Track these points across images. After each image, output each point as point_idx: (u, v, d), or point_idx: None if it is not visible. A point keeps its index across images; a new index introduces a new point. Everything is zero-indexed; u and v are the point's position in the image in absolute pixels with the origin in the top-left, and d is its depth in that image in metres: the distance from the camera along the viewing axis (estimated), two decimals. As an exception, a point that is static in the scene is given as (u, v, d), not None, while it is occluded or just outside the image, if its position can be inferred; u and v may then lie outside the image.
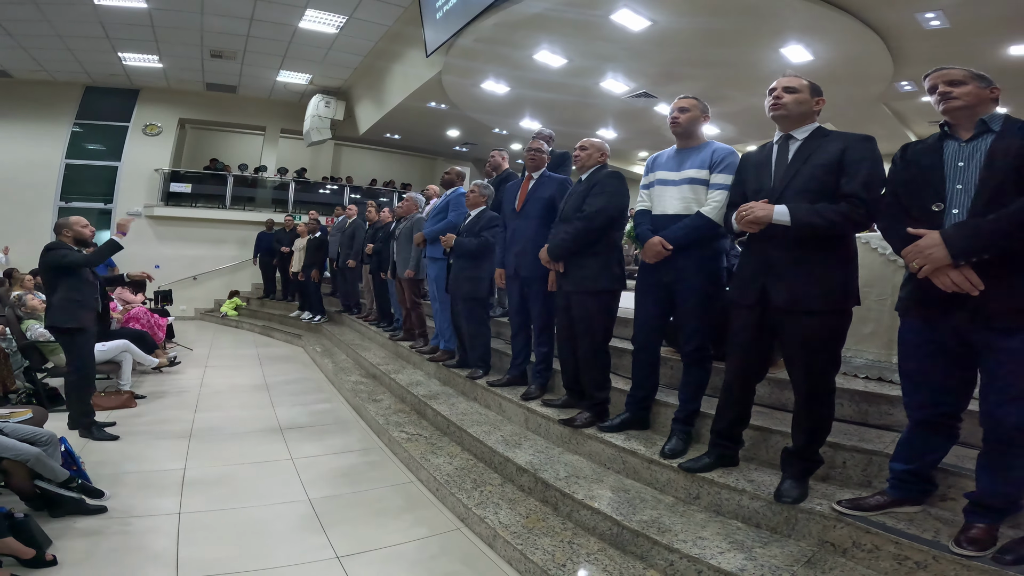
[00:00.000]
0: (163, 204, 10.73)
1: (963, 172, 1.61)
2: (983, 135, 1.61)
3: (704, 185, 2.38)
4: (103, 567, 2.09)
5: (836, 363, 1.96)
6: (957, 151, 1.64)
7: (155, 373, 5.35)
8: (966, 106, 1.63)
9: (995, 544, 1.58)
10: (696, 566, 1.91)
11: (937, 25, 5.78)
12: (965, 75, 1.66)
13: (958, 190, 1.60)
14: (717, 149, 2.40)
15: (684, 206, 2.40)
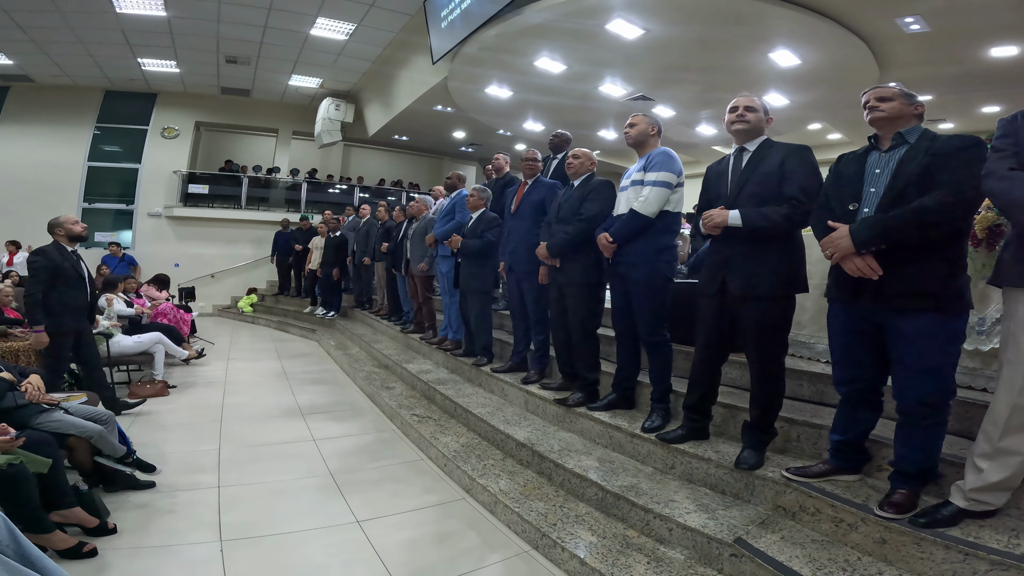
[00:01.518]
0: (181, 205, 11.16)
1: (877, 178, 1.88)
2: (899, 146, 1.88)
3: (640, 184, 2.73)
4: (157, 533, 2.40)
5: (783, 345, 2.26)
6: (876, 160, 1.92)
7: (183, 365, 5.73)
8: (888, 119, 1.89)
9: (915, 509, 1.82)
10: (667, 524, 2.21)
11: (917, 29, 6.02)
12: (894, 93, 1.92)
13: (871, 193, 1.87)
14: (653, 152, 2.76)
15: (627, 207, 2.77)
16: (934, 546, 1.70)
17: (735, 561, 1.97)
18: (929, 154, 1.79)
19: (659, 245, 2.76)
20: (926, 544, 1.72)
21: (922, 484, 1.88)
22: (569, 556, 2.20)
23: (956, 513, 1.76)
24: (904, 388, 1.82)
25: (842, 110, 8.78)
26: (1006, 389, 1.67)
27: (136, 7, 7.53)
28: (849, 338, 1.97)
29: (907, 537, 1.76)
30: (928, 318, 1.75)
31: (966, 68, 6.86)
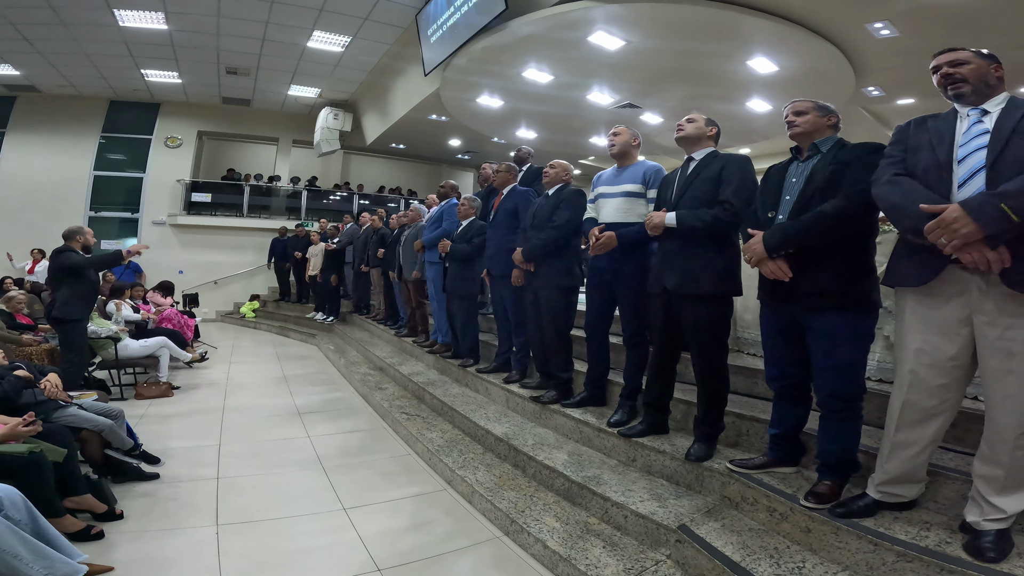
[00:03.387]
0: (185, 213, 11.45)
1: (793, 186, 2.04)
2: (813, 156, 2.05)
3: (638, 197, 2.91)
4: (160, 518, 2.64)
5: (722, 343, 2.46)
6: (795, 169, 2.09)
7: (187, 368, 5.98)
8: (804, 132, 2.06)
9: (837, 499, 1.93)
10: (622, 511, 2.40)
11: (887, 34, 6.23)
12: (809, 106, 2.09)
13: (787, 200, 2.03)
14: (648, 168, 2.95)
15: (621, 214, 2.93)
16: (849, 536, 1.82)
17: (679, 546, 2.12)
18: (835, 162, 1.95)
19: (646, 254, 2.92)
20: (843, 534, 1.84)
21: (844, 475, 2.01)
22: (535, 541, 2.39)
23: (872, 504, 1.87)
24: (819, 383, 1.98)
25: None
26: (897, 385, 1.80)
27: (138, 21, 7.84)
28: (776, 337, 2.12)
29: (827, 527, 1.89)
30: (836, 317, 1.90)
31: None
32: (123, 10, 7.51)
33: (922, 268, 1.66)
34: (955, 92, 1.72)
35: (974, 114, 1.68)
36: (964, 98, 1.71)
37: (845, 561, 1.82)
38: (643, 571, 2.10)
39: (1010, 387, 1.55)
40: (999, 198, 1.44)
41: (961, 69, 1.71)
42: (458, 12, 6.99)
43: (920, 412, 1.73)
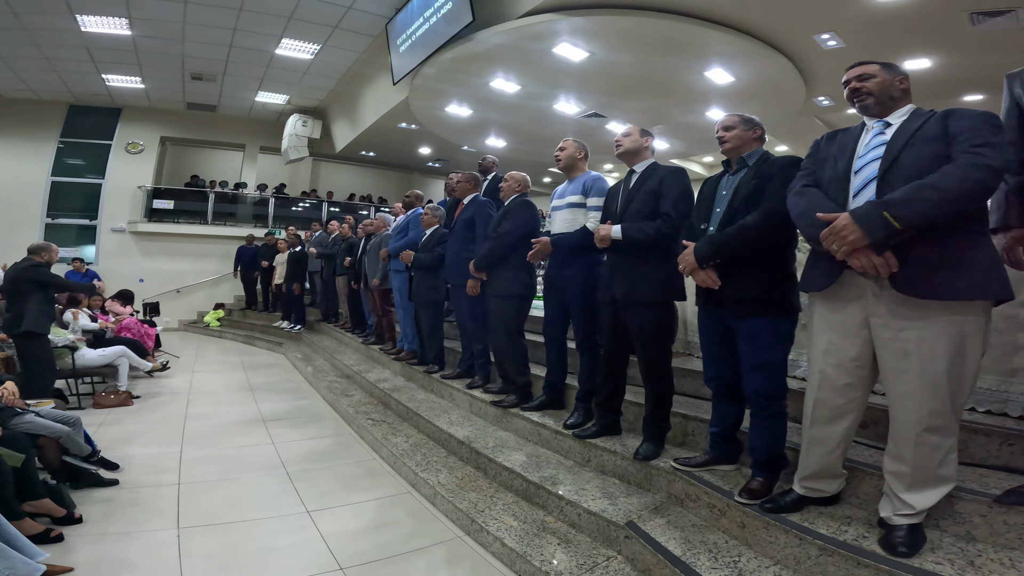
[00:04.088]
0: (146, 220, 11.20)
1: (723, 199, 2.15)
2: (741, 169, 2.16)
3: (579, 207, 3.06)
4: (120, 522, 2.64)
5: (666, 347, 2.62)
6: (725, 182, 2.21)
7: (148, 377, 5.88)
8: (733, 147, 2.18)
9: (768, 495, 2.02)
10: (575, 509, 2.50)
11: (834, 45, 6.58)
12: (736, 121, 2.20)
13: (717, 212, 2.15)
14: (588, 178, 3.10)
15: (567, 225, 3.09)
16: (778, 531, 1.90)
17: (628, 542, 2.21)
18: (758, 176, 2.07)
19: (591, 261, 3.07)
20: (772, 529, 1.92)
21: (774, 472, 2.10)
22: (494, 539, 2.47)
23: (797, 500, 1.96)
24: (746, 382, 2.10)
25: (779, 123, 9.41)
26: (809, 384, 1.89)
27: (101, 26, 7.72)
28: (712, 340, 2.25)
29: (759, 522, 1.97)
30: (758, 321, 2.03)
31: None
32: (86, 16, 7.41)
33: (825, 274, 1.77)
34: (860, 105, 1.82)
35: (877, 126, 1.79)
36: (869, 110, 1.81)
37: (776, 555, 1.90)
38: (595, 567, 2.19)
39: (907, 386, 1.63)
40: (883, 207, 1.55)
41: (867, 83, 1.80)
42: (427, 22, 7.12)
43: (830, 410, 1.83)
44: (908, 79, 1.81)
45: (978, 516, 1.73)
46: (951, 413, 1.61)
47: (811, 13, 6.03)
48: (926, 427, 1.62)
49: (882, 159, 1.68)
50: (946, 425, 1.62)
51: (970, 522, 1.75)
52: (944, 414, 1.61)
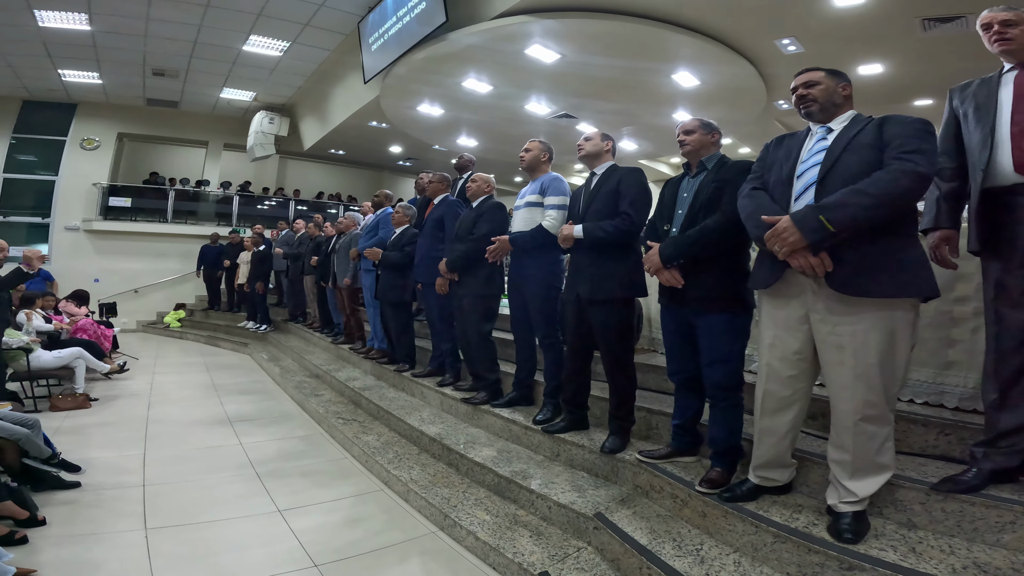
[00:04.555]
0: (102, 218, 10.81)
1: (684, 201, 2.24)
2: (700, 172, 2.25)
3: (538, 207, 3.13)
4: (84, 523, 2.59)
5: (628, 343, 2.70)
6: (686, 185, 2.29)
7: (105, 379, 5.70)
8: (693, 150, 2.26)
9: (727, 484, 2.11)
10: (545, 502, 2.56)
11: (794, 51, 6.85)
12: (696, 125, 2.27)
13: (679, 214, 2.24)
14: (546, 178, 3.17)
15: (525, 224, 3.15)
16: (735, 519, 1.98)
17: (597, 533, 2.28)
18: (716, 180, 2.17)
19: (549, 260, 3.15)
20: (731, 517, 2.00)
21: (732, 462, 2.20)
22: (467, 533, 2.51)
23: (752, 489, 2.04)
24: (706, 375, 2.19)
25: (742, 126, 9.73)
26: (759, 377, 1.99)
27: (59, 22, 7.46)
28: (675, 336, 2.34)
29: (718, 511, 2.05)
30: (717, 317, 2.13)
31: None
32: (44, 11, 7.15)
33: (770, 272, 1.86)
34: (806, 111, 1.91)
35: (820, 132, 1.88)
36: (813, 116, 1.90)
37: (735, 543, 1.98)
38: (566, 557, 2.26)
39: (843, 377, 1.73)
40: (819, 210, 1.64)
41: (812, 90, 1.88)
42: (400, 22, 7.11)
43: (777, 401, 1.92)
44: (851, 86, 1.90)
45: (918, 504, 1.83)
46: (885, 403, 1.72)
47: (773, 19, 6.27)
48: (862, 416, 1.72)
49: (821, 164, 1.77)
50: (881, 415, 1.73)
51: (911, 509, 1.85)
52: (878, 404, 1.71)
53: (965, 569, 1.58)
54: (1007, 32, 1.77)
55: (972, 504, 1.73)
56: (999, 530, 1.67)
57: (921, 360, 2.29)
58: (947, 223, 1.90)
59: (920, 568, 1.59)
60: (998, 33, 1.79)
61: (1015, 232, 1.70)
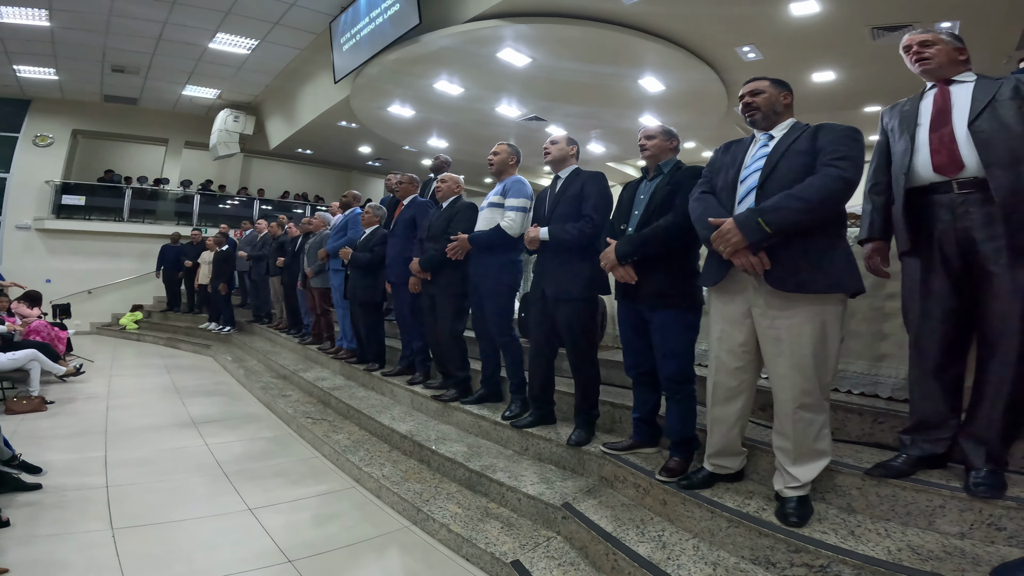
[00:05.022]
0: (54, 217, 10.41)
1: (641, 203, 2.36)
2: (657, 176, 2.38)
3: (499, 207, 3.22)
4: (49, 524, 2.53)
5: (591, 339, 2.81)
6: (643, 187, 2.41)
7: (60, 382, 5.51)
8: (652, 155, 2.39)
9: (684, 473, 2.22)
10: (515, 494, 2.64)
11: (753, 58, 7.16)
12: (657, 130, 2.41)
13: (635, 215, 2.36)
14: (508, 180, 3.26)
15: (486, 223, 3.23)
16: (693, 505, 2.09)
17: (566, 522, 2.37)
18: (671, 183, 2.29)
19: (504, 260, 3.22)
20: (688, 504, 2.11)
21: (689, 451, 2.31)
22: (440, 526, 2.57)
23: (707, 476, 2.16)
24: (660, 369, 2.31)
25: (704, 130, 10.06)
26: (709, 369, 2.10)
27: (18, 17, 7.21)
28: (630, 331, 2.45)
29: (677, 498, 2.16)
30: (668, 313, 2.25)
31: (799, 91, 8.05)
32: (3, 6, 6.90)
33: (716, 270, 2.00)
34: (750, 119, 2.03)
35: (763, 139, 2.00)
36: (757, 124, 2.02)
37: (693, 528, 2.09)
38: (536, 546, 2.34)
39: (781, 368, 1.86)
40: (758, 213, 1.78)
41: (757, 98, 2.01)
42: (373, 23, 7.12)
43: (726, 391, 2.04)
44: (792, 95, 2.04)
45: (855, 489, 1.96)
46: (819, 391, 1.86)
47: (734, 27, 6.55)
48: (799, 404, 1.85)
49: (762, 170, 1.90)
50: (816, 403, 1.86)
51: (849, 494, 1.97)
52: (813, 392, 1.85)
53: (900, 551, 1.68)
54: (924, 52, 1.91)
55: (903, 489, 1.86)
56: (930, 514, 1.80)
57: (857, 352, 2.47)
58: (880, 234, 2.03)
59: (859, 550, 1.70)
60: (916, 53, 1.93)
61: (932, 229, 1.84)
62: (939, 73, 1.90)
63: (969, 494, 1.73)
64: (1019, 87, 1.74)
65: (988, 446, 1.77)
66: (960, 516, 1.75)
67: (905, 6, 5.62)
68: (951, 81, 1.89)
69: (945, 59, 1.89)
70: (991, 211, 1.70)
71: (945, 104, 1.85)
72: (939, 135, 1.82)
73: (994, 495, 1.70)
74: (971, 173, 1.74)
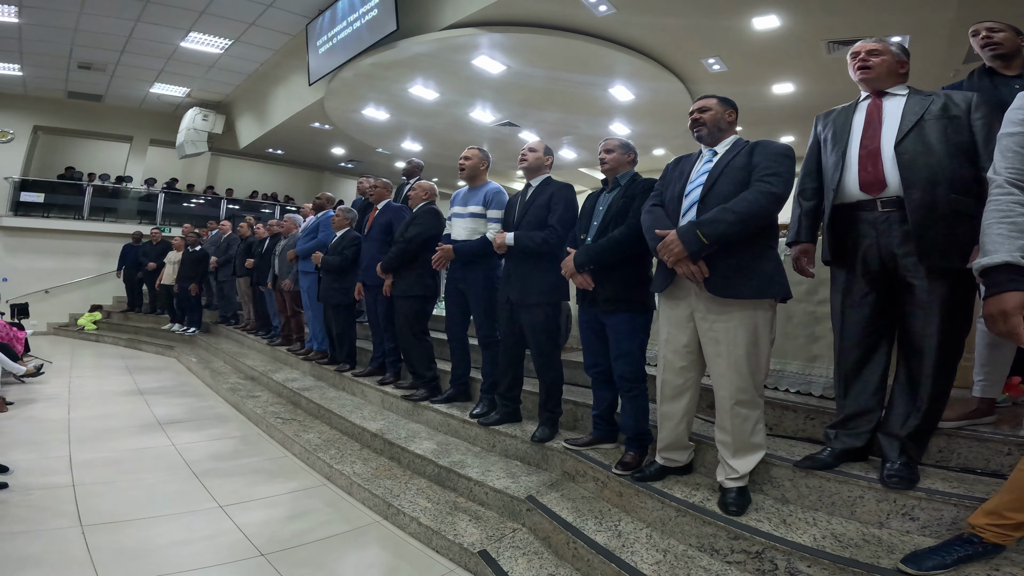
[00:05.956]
0: (12, 214, 10.11)
1: (600, 214, 2.49)
2: (614, 188, 2.51)
3: (480, 217, 3.31)
4: (15, 522, 2.53)
5: (554, 342, 2.95)
6: (603, 199, 2.54)
7: (19, 383, 5.38)
8: (611, 167, 2.53)
9: (639, 467, 2.37)
10: (482, 488, 2.76)
11: (718, 69, 7.47)
12: (615, 144, 2.53)
13: (594, 225, 2.49)
14: (489, 190, 3.35)
15: (468, 233, 3.31)
16: (646, 497, 2.23)
17: (530, 514, 2.48)
18: (625, 195, 2.43)
19: (491, 266, 3.35)
20: (642, 495, 2.25)
21: (643, 446, 2.46)
22: (410, 520, 2.66)
23: (659, 469, 2.30)
24: (614, 368, 2.47)
25: (672, 138, 10.39)
26: (658, 368, 2.26)
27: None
28: (589, 333, 2.59)
29: (632, 490, 2.30)
30: (621, 316, 2.41)
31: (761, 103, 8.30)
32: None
33: (664, 277, 2.15)
34: (697, 134, 2.17)
35: (708, 154, 2.14)
36: (703, 139, 2.16)
37: (648, 519, 2.22)
38: (503, 537, 2.45)
39: (720, 367, 2.02)
40: (696, 226, 1.94)
41: (704, 115, 2.13)
42: (350, 27, 7.19)
43: (673, 389, 2.19)
44: (736, 112, 2.19)
45: (787, 481, 2.11)
46: (753, 389, 2.02)
47: (700, 40, 6.85)
48: (736, 401, 2.01)
49: (703, 185, 2.06)
50: (751, 399, 2.02)
51: (783, 486, 2.12)
52: (747, 390, 2.01)
53: (824, 539, 1.82)
54: (870, 60, 1.98)
55: (828, 480, 2.01)
56: (851, 504, 1.95)
57: (792, 354, 2.68)
58: (806, 237, 2.15)
59: (788, 537, 1.85)
60: (862, 60, 1.99)
61: (858, 243, 1.96)
62: (876, 84, 1.99)
63: (883, 485, 1.87)
64: (948, 105, 1.84)
65: (902, 441, 1.92)
66: (877, 506, 1.90)
67: (858, 22, 5.97)
68: (885, 94, 1.98)
69: (885, 70, 1.97)
70: (909, 229, 1.82)
71: (875, 118, 1.95)
72: (867, 152, 1.92)
73: (906, 486, 1.84)
74: (893, 192, 1.86)
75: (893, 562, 1.64)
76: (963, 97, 1.86)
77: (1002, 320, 1.28)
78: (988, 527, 1.54)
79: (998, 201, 1.39)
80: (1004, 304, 1.28)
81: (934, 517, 1.80)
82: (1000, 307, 1.28)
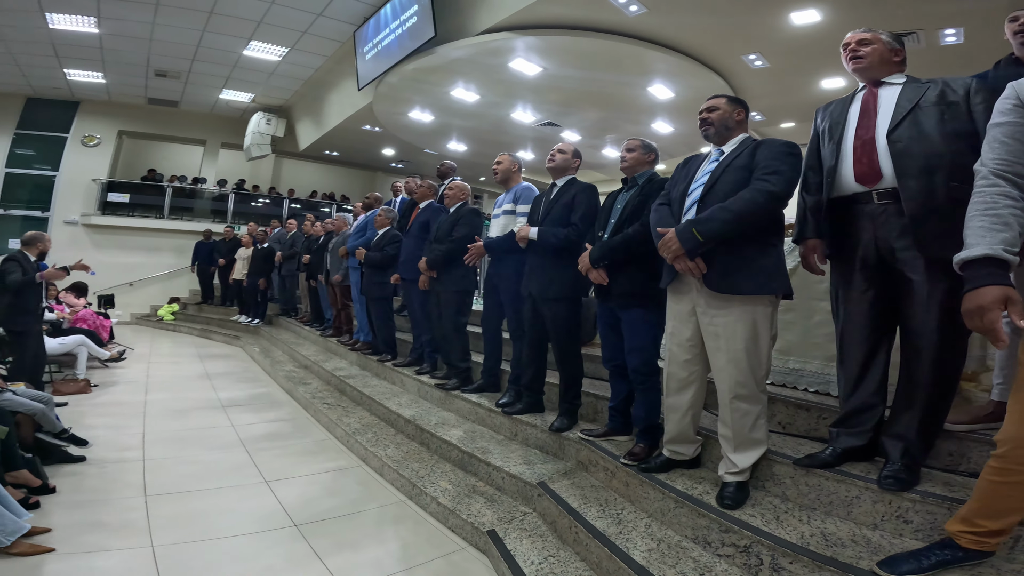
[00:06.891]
0: (100, 213, 11.10)
1: (618, 212, 2.56)
2: (632, 187, 2.59)
3: (512, 214, 3.47)
4: (90, 492, 2.91)
5: (575, 336, 3.05)
6: (620, 198, 2.62)
7: (103, 367, 6.02)
8: (629, 167, 2.60)
9: (646, 458, 2.41)
10: (500, 473, 2.90)
11: (760, 65, 7.27)
12: (636, 144, 2.61)
13: (611, 223, 2.56)
14: (519, 188, 3.51)
15: (502, 230, 3.48)
16: (649, 487, 2.28)
17: (540, 499, 2.59)
18: (641, 194, 2.51)
19: (521, 260, 3.39)
20: (645, 486, 2.30)
21: (653, 438, 2.51)
22: (431, 500, 2.86)
23: (665, 461, 2.35)
24: (628, 361, 2.53)
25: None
26: (664, 361, 2.29)
27: (69, 24, 7.78)
28: (605, 327, 2.69)
29: (637, 480, 2.35)
30: (636, 311, 2.48)
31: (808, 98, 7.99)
32: (55, 13, 7.47)
33: (669, 273, 2.19)
34: (704, 134, 2.20)
35: (715, 154, 2.16)
36: (710, 138, 2.19)
37: (648, 509, 2.28)
38: (512, 519, 2.59)
39: (719, 361, 2.05)
40: (692, 224, 1.97)
41: (712, 115, 2.15)
42: (392, 34, 7.49)
43: (678, 382, 2.23)
44: (745, 111, 2.20)
45: (788, 478, 2.10)
46: (754, 384, 2.03)
47: (739, 37, 6.68)
48: (735, 395, 2.04)
49: (704, 184, 2.09)
50: (751, 394, 2.03)
51: (784, 483, 2.11)
52: (747, 384, 2.02)
53: (812, 537, 1.82)
54: (860, 51, 1.95)
55: (827, 479, 1.99)
56: (848, 504, 1.92)
57: (812, 353, 2.65)
58: (812, 233, 2.10)
59: (776, 533, 1.86)
60: (852, 51, 1.97)
61: (857, 238, 1.94)
62: (870, 74, 1.96)
63: (879, 486, 1.84)
64: (945, 92, 1.79)
65: (905, 442, 1.87)
66: (873, 507, 1.87)
67: (908, 14, 5.66)
68: (881, 83, 1.95)
69: (877, 59, 1.94)
70: (907, 222, 1.78)
71: (871, 108, 1.92)
72: (862, 143, 1.89)
73: (901, 488, 1.80)
74: (889, 183, 1.83)
75: (874, 563, 1.63)
76: (961, 83, 1.81)
77: (979, 316, 1.25)
78: (962, 534, 1.51)
79: (982, 193, 1.36)
80: (981, 299, 1.24)
81: (927, 520, 1.76)
82: (977, 302, 1.25)
